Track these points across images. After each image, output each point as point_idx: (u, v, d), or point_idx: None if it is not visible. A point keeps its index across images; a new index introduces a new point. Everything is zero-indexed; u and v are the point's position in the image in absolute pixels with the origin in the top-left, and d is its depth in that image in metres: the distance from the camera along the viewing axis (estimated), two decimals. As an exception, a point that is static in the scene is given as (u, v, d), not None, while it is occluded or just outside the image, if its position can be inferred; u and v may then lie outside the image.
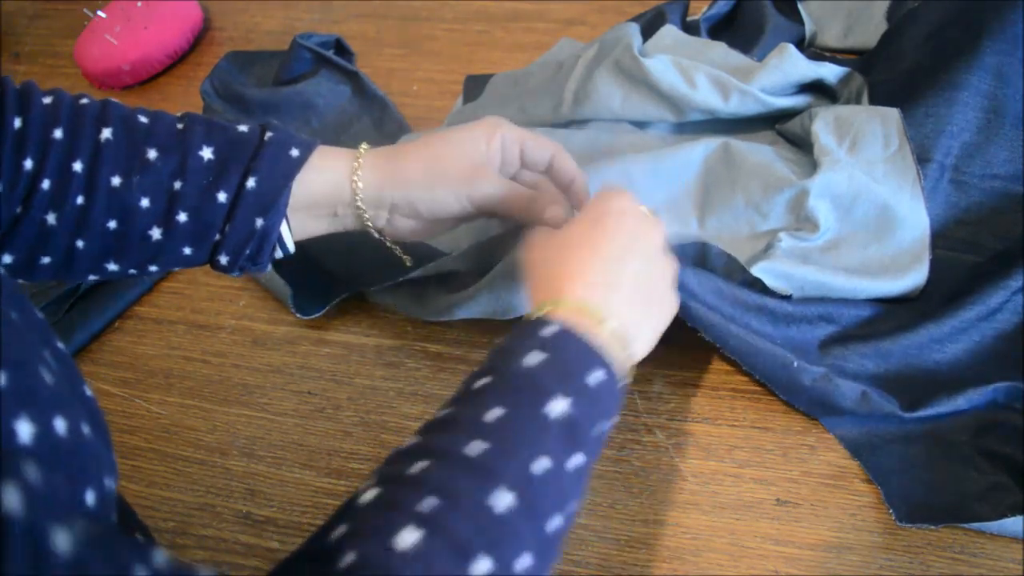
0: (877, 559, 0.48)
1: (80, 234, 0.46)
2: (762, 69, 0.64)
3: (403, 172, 0.50)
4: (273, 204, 0.47)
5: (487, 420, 0.36)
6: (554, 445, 0.36)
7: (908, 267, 0.56)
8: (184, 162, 0.45)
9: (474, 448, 0.34)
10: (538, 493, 0.34)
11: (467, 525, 0.32)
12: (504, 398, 0.37)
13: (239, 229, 0.47)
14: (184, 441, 0.60)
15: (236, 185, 0.46)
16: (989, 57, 0.59)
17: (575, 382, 0.38)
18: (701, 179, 0.62)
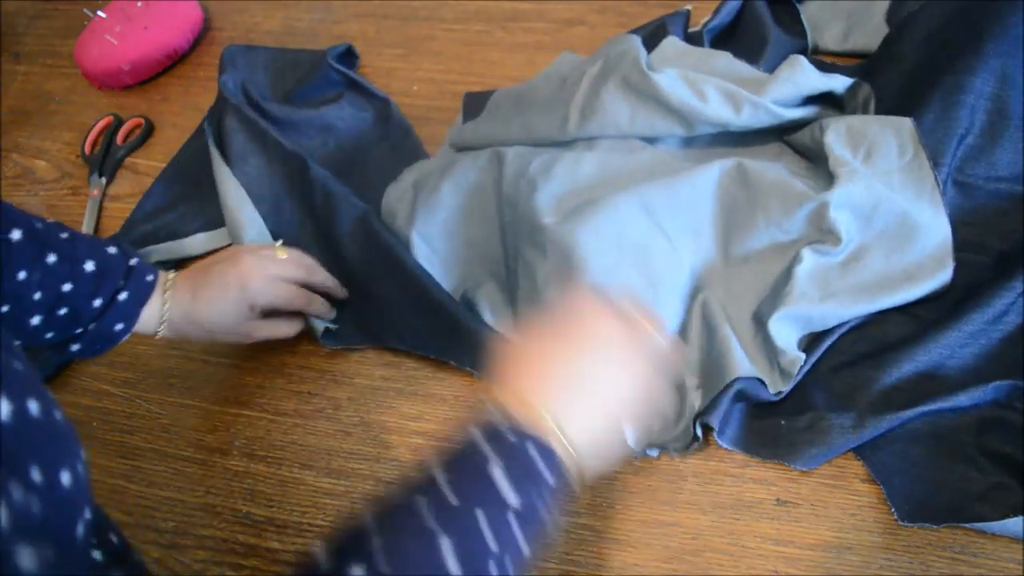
0: (877, 559, 0.48)
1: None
2: (774, 81, 0.63)
3: (188, 337, 0.59)
4: (131, 315, 0.55)
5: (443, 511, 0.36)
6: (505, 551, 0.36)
7: (933, 272, 0.56)
8: (73, 269, 0.53)
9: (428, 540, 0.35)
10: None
11: None
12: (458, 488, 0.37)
13: (101, 329, 0.55)
14: (184, 441, 0.60)
15: (110, 295, 0.54)
16: (992, 59, 0.59)
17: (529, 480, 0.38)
18: (720, 203, 0.61)
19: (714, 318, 0.57)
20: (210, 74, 0.87)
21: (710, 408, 0.53)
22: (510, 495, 0.37)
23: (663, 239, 0.60)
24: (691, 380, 0.55)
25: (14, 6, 1.00)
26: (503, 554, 0.36)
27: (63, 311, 0.53)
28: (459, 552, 0.35)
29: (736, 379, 0.53)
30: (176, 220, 0.73)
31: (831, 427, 0.51)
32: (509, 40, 0.82)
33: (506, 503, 0.37)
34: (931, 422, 0.52)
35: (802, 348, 0.56)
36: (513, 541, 0.37)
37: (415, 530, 0.35)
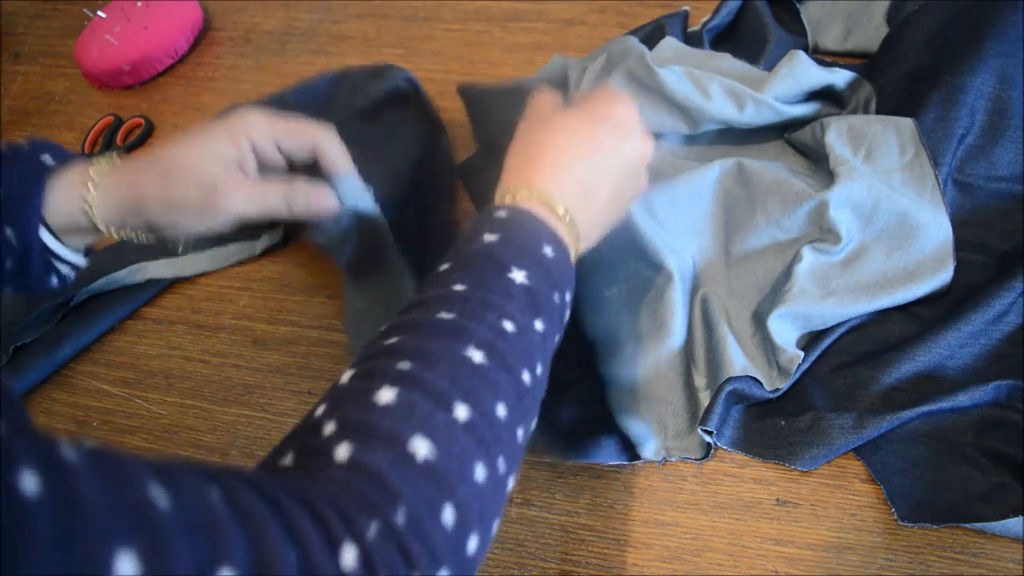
0: (877, 559, 0.48)
1: None
2: (774, 78, 0.63)
3: (139, 200, 0.46)
4: (20, 212, 0.43)
5: (452, 294, 0.37)
6: (516, 309, 0.37)
7: (934, 271, 0.56)
8: None
9: (442, 316, 0.36)
10: (507, 349, 0.36)
11: (442, 378, 0.33)
12: (465, 274, 0.38)
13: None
14: (184, 441, 0.60)
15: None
16: (992, 59, 0.59)
17: (529, 256, 0.40)
18: (720, 202, 0.61)
19: (713, 317, 0.57)
20: (210, 74, 0.87)
21: (707, 411, 0.53)
22: (519, 276, 0.39)
23: (665, 239, 0.60)
24: (700, 380, 0.55)
25: (14, 6, 0.99)
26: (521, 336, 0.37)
27: None
28: (478, 341, 0.35)
29: (728, 379, 0.53)
30: None
31: (831, 427, 0.51)
32: (509, 40, 0.82)
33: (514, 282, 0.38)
34: (931, 422, 0.52)
35: (801, 347, 0.56)
36: (528, 324, 0.38)
37: (429, 324, 0.36)
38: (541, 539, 0.52)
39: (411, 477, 0.30)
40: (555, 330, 0.40)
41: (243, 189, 0.47)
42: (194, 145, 0.47)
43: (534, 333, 0.38)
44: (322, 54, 0.85)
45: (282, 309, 0.67)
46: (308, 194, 0.49)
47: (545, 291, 0.39)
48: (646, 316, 0.58)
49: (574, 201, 0.44)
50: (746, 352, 0.55)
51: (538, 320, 0.38)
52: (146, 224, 0.47)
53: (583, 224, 0.44)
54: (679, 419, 0.55)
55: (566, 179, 0.44)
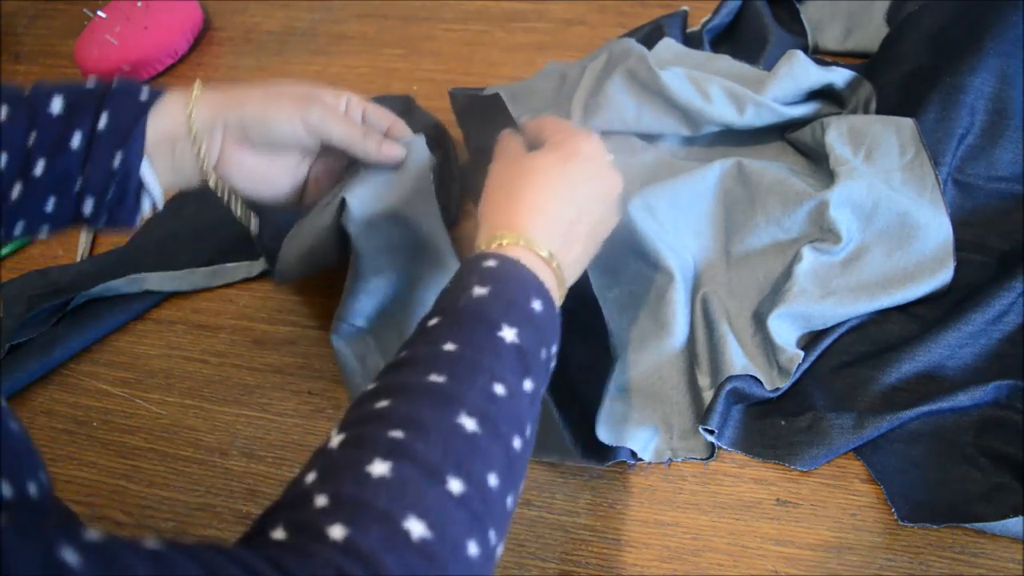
0: (877, 559, 0.48)
1: None
2: (773, 78, 0.63)
3: (237, 96, 0.49)
4: (128, 139, 0.46)
5: (441, 354, 0.37)
6: (507, 370, 0.37)
7: (934, 271, 0.56)
8: (35, 115, 0.45)
9: (433, 380, 0.36)
10: (498, 415, 0.36)
11: (435, 449, 0.33)
12: (455, 332, 0.38)
13: (98, 170, 0.45)
14: (184, 441, 0.60)
15: (88, 127, 0.45)
16: (992, 59, 0.59)
17: (518, 311, 0.39)
18: (721, 202, 0.61)
19: (714, 316, 0.57)
20: (209, 74, 0.87)
21: (708, 411, 0.53)
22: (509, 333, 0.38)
23: (665, 239, 0.60)
24: (704, 380, 0.55)
25: (14, 6, 1.00)
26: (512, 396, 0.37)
27: (39, 168, 0.45)
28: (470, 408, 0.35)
29: (728, 378, 0.53)
30: (176, 248, 0.71)
31: (831, 427, 0.51)
32: (509, 40, 0.82)
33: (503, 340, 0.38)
34: (931, 422, 0.52)
35: (801, 347, 0.56)
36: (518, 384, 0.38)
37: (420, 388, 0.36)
38: (541, 539, 0.52)
39: (406, 559, 0.30)
40: (541, 387, 0.40)
41: (336, 108, 0.51)
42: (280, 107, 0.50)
43: (523, 395, 0.38)
44: (322, 54, 0.85)
45: (282, 309, 0.67)
46: (383, 141, 0.53)
47: (534, 348, 0.39)
48: (648, 317, 0.58)
49: (557, 242, 0.44)
50: (746, 352, 0.55)
51: (527, 380, 0.38)
52: (237, 119, 0.49)
53: (567, 265, 0.45)
54: (684, 419, 0.55)
55: (547, 220, 0.44)
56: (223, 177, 0.51)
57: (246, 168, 0.51)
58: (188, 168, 0.50)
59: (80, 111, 0.45)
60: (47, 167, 0.45)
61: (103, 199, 0.47)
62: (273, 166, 0.52)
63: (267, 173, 0.52)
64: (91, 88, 0.47)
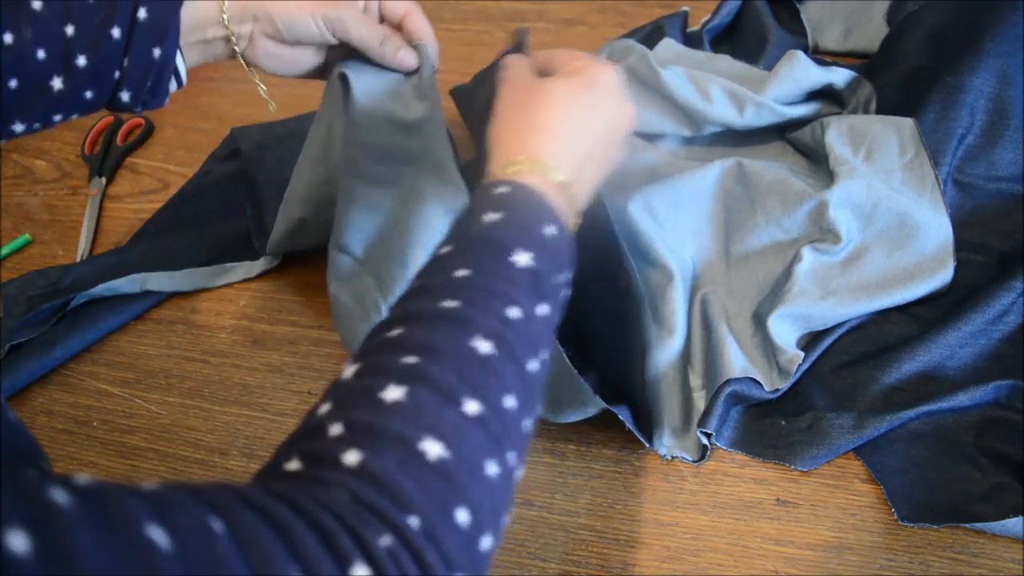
0: (877, 559, 0.48)
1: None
2: (773, 78, 0.63)
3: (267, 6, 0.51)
4: (167, 31, 0.48)
5: (455, 280, 0.37)
6: (521, 295, 0.37)
7: (934, 271, 0.56)
8: (70, 5, 0.45)
9: (446, 306, 0.35)
10: (514, 338, 0.35)
11: (449, 373, 0.33)
12: (468, 259, 0.38)
13: (138, 62, 0.47)
14: (184, 441, 0.60)
15: (128, 18, 0.46)
16: (992, 59, 0.59)
17: (532, 236, 0.39)
18: (720, 202, 0.61)
19: (713, 317, 0.57)
20: (210, 74, 0.87)
21: (706, 413, 0.53)
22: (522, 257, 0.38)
23: (665, 239, 0.60)
24: (695, 381, 0.55)
25: (14, 6, 0.99)
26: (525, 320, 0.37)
27: (81, 60, 0.46)
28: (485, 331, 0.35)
29: (728, 380, 0.53)
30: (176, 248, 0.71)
31: (831, 427, 0.51)
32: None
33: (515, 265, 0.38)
34: (931, 422, 0.52)
35: (801, 347, 0.56)
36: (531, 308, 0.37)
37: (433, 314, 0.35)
38: (541, 539, 0.52)
39: (423, 481, 0.30)
40: (556, 312, 0.40)
41: (357, 9, 0.53)
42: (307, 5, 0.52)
43: (538, 319, 0.38)
44: (322, 54, 0.85)
45: (282, 309, 0.67)
46: (400, 46, 0.55)
47: (548, 273, 0.39)
48: (647, 316, 0.58)
49: (571, 170, 0.44)
50: (746, 353, 0.55)
51: (542, 304, 0.38)
52: (263, 11, 0.51)
53: (580, 193, 0.45)
54: (674, 419, 0.55)
55: (563, 148, 0.44)
56: (250, 59, 0.54)
57: (271, 53, 0.54)
58: (218, 51, 0.53)
59: (117, 3, 0.46)
60: (88, 59, 0.46)
61: (140, 88, 0.49)
62: (296, 52, 0.55)
63: (291, 57, 0.55)
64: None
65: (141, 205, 0.77)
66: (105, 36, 0.46)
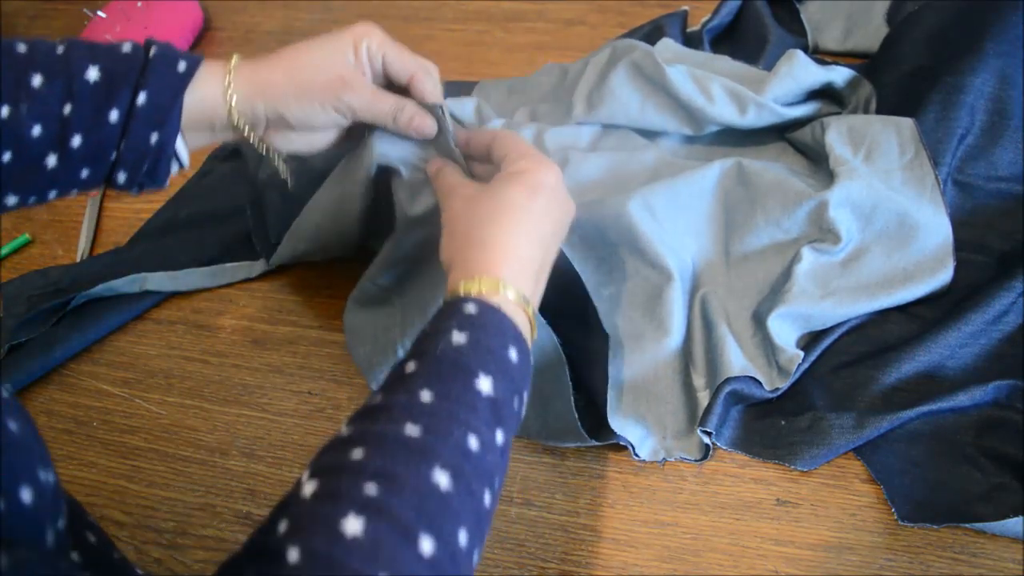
0: (877, 559, 0.48)
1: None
2: (773, 78, 0.63)
3: (270, 85, 0.49)
4: (166, 118, 0.46)
5: (418, 404, 0.37)
6: (481, 422, 0.37)
7: (933, 271, 0.56)
8: (71, 85, 0.44)
9: (409, 431, 0.36)
10: (472, 470, 0.36)
11: (409, 507, 0.33)
12: (432, 381, 0.38)
13: (135, 146, 0.46)
14: (184, 441, 0.60)
15: (127, 102, 0.45)
16: (992, 59, 0.59)
17: (496, 361, 0.40)
18: (720, 202, 0.61)
19: (713, 317, 0.57)
20: (210, 74, 0.87)
21: (706, 412, 0.53)
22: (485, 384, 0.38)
23: (665, 239, 0.60)
24: (698, 380, 0.55)
25: (14, 6, 1.00)
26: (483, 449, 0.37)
27: (76, 141, 0.45)
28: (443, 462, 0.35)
29: (727, 379, 0.53)
30: (176, 248, 0.71)
31: (831, 427, 0.51)
32: (509, 40, 0.82)
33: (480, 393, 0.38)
34: (931, 422, 0.52)
35: (801, 347, 0.56)
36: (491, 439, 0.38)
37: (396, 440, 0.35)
38: (541, 539, 0.52)
39: None
40: (511, 436, 0.40)
41: (366, 88, 0.51)
42: (322, 44, 0.50)
43: (495, 448, 0.38)
44: (322, 54, 0.85)
45: (282, 309, 0.67)
46: (415, 114, 0.52)
47: (508, 399, 0.40)
48: (644, 316, 0.58)
49: (530, 284, 0.45)
50: (746, 352, 0.55)
51: (500, 431, 0.38)
52: (273, 111, 0.50)
53: (535, 305, 0.46)
54: (678, 419, 0.55)
55: (521, 262, 0.45)
56: (268, 140, 0.53)
57: (288, 139, 0.53)
58: (228, 137, 0.52)
59: (118, 84, 0.45)
60: (84, 141, 0.45)
61: (137, 171, 0.48)
62: (314, 136, 0.53)
63: (309, 140, 0.53)
64: (128, 55, 0.47)
65: (141, 205, 0.77)
66: (103, 118, 0.45)
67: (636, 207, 0.59)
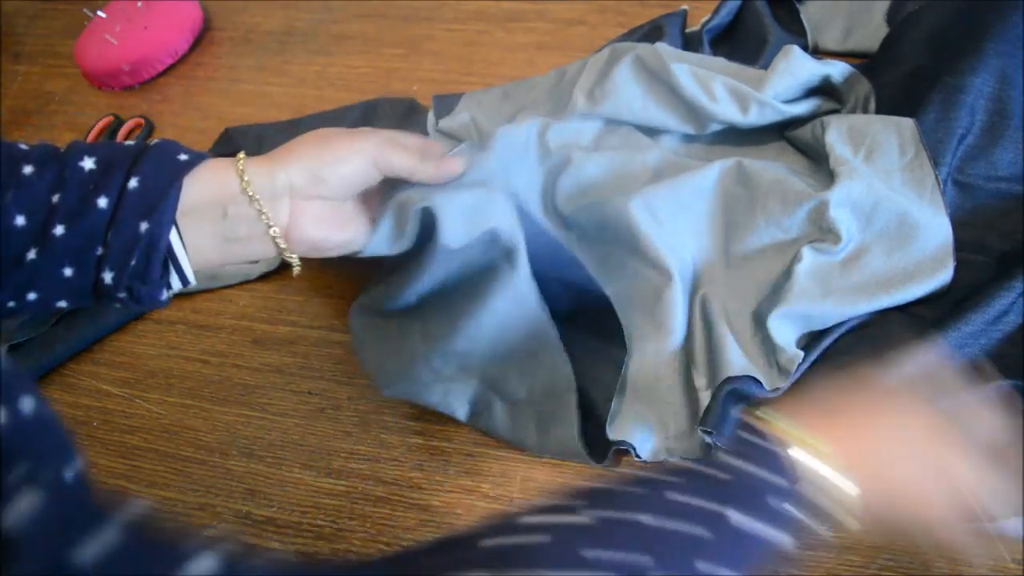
0: (877, 559, 0.48)
1: None
2: (772, 74, 0.63)
3: (296, 150, 0.46)
4: (157, 205, 0.41)
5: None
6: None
7: (933, 271, 0.56)
8: (63, 173, 0.41)
9: None
10: None
11: None
12: None
13: (122, 235, 0.41)
14: (184, 441, 0.60)
15: (118, 188, 0.41)
16: (992, 59, 0.59)
17: None
18: (720, 202, 0.61)
19: (713, 317, 0.57)
20: (210, 74, 0.87)
21: (706, 412, 0.53)
22: None
23: (665, 239, 0.60)
24: (700, 381, 0.55)
25: (14, 6, 1.00)
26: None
27: (59, 230, 0.40)
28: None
29: (727, 379, 0.53)
30: None
31: None
32: (509, 40, 0.82)
33: None
34: (931, 422, 0.52)
35: (801, 347, 0.56)
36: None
37: None
38: (541, 539, 0.52)
39: None
40: None
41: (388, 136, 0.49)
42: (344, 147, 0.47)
43: None
44: (322, 54, 0.85)
45: (282, 309, 0.67)
46: (438, 155, 0.50)
47: None
48: (644, 317, 0.58)
49: None
50: (746, 352, 0.55)
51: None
52: (304, 171, 0.46)
53: None
54: (680, 419, 0.54)
55: None
56: (291, 234, 0.47)
57: (320, 218, 0.48)
58: (243, 231, 0.45)
59: (111, 170, 0.41)
60: (67, 230, 0.41)
61: (125, 269, 0.42)
62: (343, 209, 0.50)
63: (339, 216, 0.49)
64: (128, 146, 0.44)
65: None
66: (91, 206, 0.40)
67: (636, 208, 0.59)
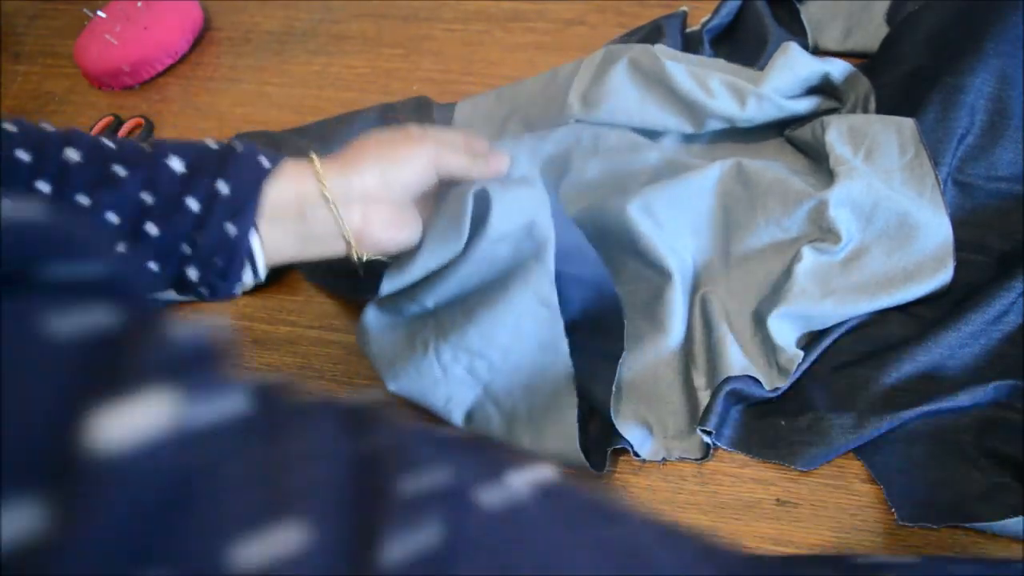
0: (877, 559, 0.48)
1: None
2: (771, 70, 0.63)
3: (363, 153, 0.49)
4: (244, 208, 0.44)
5: None
6: None
7: (934, 271, 0.56)
8: (153, 174, 0.43)
9: None
10: None
11: None
12: None
13: (210, 237, 0.44)
14: (184, 441, 0.60)
15: (207, 192, 0.44)
16: (992, 59, 0.59)
17: None
18: (720, 202, 0.61)
19: (713, 316, 0.57)
20: (210, 74, 0.87)
21: (706, 411, 0.53)
22: None
23: (664, 239, 0.60)
24: (699, 380, 0.55)
25: (14, 6, 0.99)
26: None
27: (152, 229, 0.43)
28: None
29: (727, 379, 0.53)
30: None
31: (831, 427, 0.51)
32: (509, 40, 0.82)
33: None
34: (931, 422, 0.52)
35: (801, 347, 0.56)
36: None
37: None
38: (541, 539, 0.52)
39: None
40: None
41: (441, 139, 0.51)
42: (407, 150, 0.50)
43: None
44: (322, 54, 0.85)
45: (282, 309, 0.67)
46: (487, 152, 0.53)
47: None
48: (644, 317, 0.58)
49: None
50: (746, 352, 0.55)
51: None
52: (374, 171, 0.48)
53: None
54: (679, 419, 0.55)
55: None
56: (361, 235, 0.49)
57: (386, 220, 0.50)
58: (318, 231, 0.48)
59: (200, 173, 0.44)
60: (159, 229, 0.43)
61: (209, 268, 0.45)
62: (404, 212, 0.51)
63: (400, 219, 0.51)
64: (214, 149, 0.46)
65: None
66: (181, 207, 0.43)
67: (636, 209, 0.59)
